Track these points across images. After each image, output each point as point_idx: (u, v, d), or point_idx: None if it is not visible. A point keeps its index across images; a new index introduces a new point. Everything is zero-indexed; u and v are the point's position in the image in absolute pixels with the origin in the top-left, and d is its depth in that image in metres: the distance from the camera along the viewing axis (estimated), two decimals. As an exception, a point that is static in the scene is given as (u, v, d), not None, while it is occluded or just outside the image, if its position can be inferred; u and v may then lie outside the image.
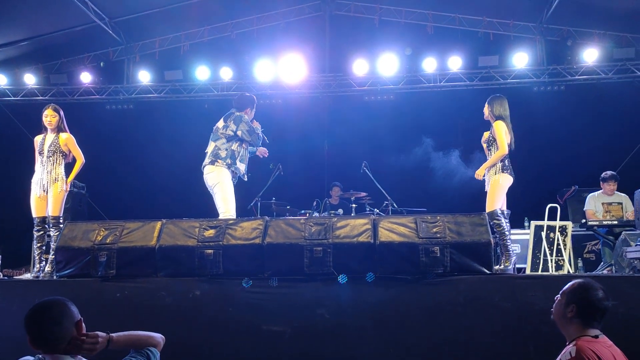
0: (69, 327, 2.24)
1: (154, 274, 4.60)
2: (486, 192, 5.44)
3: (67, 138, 5.88)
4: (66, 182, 5.80)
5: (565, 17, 9.60)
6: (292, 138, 10.06)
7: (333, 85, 10.64)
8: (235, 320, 4.33)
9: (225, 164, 5.81)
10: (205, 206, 6.38)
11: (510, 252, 5.23)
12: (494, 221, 5.22)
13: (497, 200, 5.26)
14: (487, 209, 5.24)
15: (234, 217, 5.63)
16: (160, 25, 10.47)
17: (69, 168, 6.03)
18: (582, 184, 8.10)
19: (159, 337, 2.58)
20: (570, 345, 2.62)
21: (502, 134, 5.34)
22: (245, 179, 6.13)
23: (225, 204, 5.70)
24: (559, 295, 2.81)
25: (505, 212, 5.38)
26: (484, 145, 5.64)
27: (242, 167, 6.00)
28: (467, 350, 4.09)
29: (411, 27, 10.37)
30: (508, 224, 5.38)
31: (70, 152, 5.91)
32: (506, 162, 5.35)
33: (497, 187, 5.27)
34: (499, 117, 5.47)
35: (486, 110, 5.62)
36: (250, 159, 6.23)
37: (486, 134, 5.63)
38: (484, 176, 5.51)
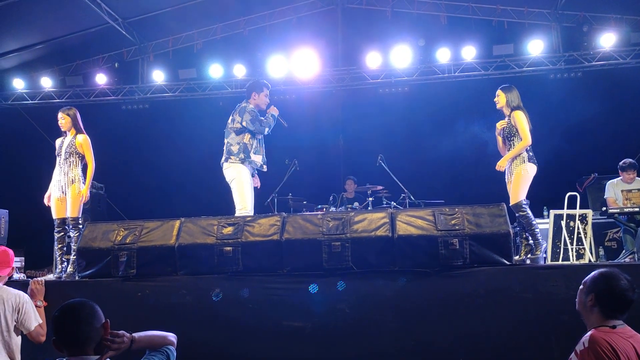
0: (98, 328, 2.27)
1: (174, 272, 4.63)
2: (506, 182, 5.38)
3: (82, 140, 5.89)
4: (84, 187, 5.79)
5: (580, 3, 9.48)
6: (307, 133, 10.06)
7: (346, 79, 10.61)
8: (256, 317, 4.35)
9: (238, 159, 5.77)
10: (223, 203, 6.41)
11: (539, 240, 5.17)
12: (520, 212, 5.16)
13: (522, 190, 5.18)
14: (513, 200, 5.18)
15: (251, 213, 5.63)
16: (173, 24, 10.52)
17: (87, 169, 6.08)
18: (602, 171, 8.00)
19: (173, 336, 2.62)
20: (586, 335, 2.59)
21: (524, 123, 5.24)
22: (265, 169, 6.04)
23: (242, 200, 5.68)
24: (582, 285, 2.78)
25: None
26: (499, 137, 5.54)
27: (257, 158, 5.89)
28: (488, 342, 4.07)
29: (424, 17, 10.31)
30: None
31: None
32: (530, 151, 5.27)
33: (524, 177, 5.17)
34: (517, 107, 5.38)
35: (501, 99, 5.49)
36: (267, 151, 6.11)
37: (500, 125, 5.50)
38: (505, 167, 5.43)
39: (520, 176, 5.18)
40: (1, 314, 3.88)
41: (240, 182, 5.73)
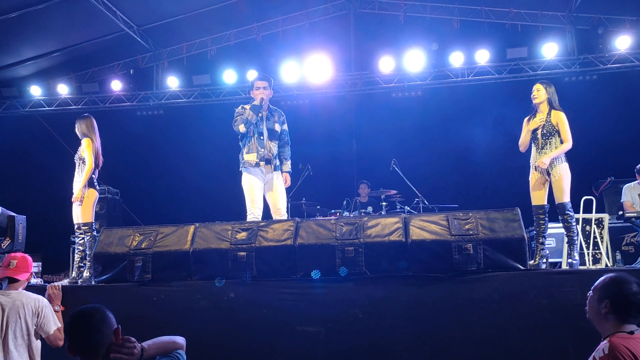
0: (108, 334, 2.29)
1: (189, 277, 4.66)
2: (533, 182, 5.23)
3: (83, 144, 5.87)
4: (80, 189, 5.71)
5: (595, 5, 9.42)
6: (320, 138, 10.09)
7: (359, 83, 10.62)
8: (269, 322, 4.36)
9: (241, 166, 5.78)
10: (237, 208, 6.43)
11: (577, 244, 5.13)
12: (566, 214, 5.06)
13: (568, 191, 5.08)
14: (561, 200, 5.06)
15: (258, 217, 5.56)
16: (187, 30, 10.63)
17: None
18: (618, 175, 7.92)
19: (181, 339, 2.62)
20: (604, 342, 2.55)
21: (567, 125, 5.15)
22: (261, 166, 5.67)
23: (249, 206, 5.65)
24: (591, 292, 2.73)
25: (546, 206, 5.25)
26: (529, 133, 5.28)
27: (249, 157, 5.70)
28: (503, 348, 4.04)
29: (437, 22, 10.30)
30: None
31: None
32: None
33: (567, 177, 5.10)
34: (559, 107, 5.26)
35: (541, 94, 5.28)
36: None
37: (540, 121, 5.24)
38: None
39: (563, 177, 5.08)
40: (22, 318, 3.94)
41: (245, 188, 5.70)
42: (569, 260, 5.11)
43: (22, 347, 3.91)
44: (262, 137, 5.79)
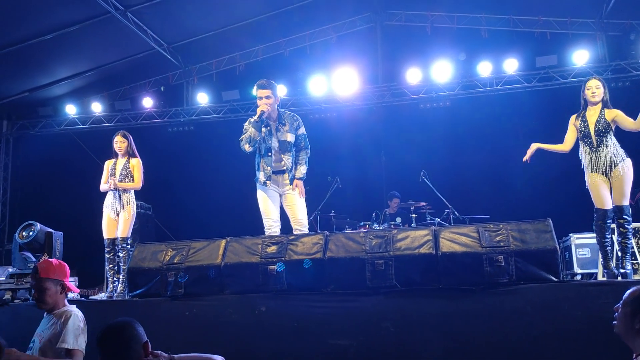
0: (137, 349, 2.33)
1: (221, 291, 4.71)
2: (596, 183, 5.01)
3: (135, 162, 6.23)
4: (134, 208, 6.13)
5: (626, 10, 9.26)
6: (348, 150, 10.11)
7: (387, 95, 10.63)
8: (301, 335, 4.38)
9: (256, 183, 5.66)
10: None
11: (629, 254, 4.92)
12: (624, 219, 4.87)
13: (629, 192, 4.91)
14: (619, 202, 4.88)
15: (274, 230, 5.50)
16: (216, 47, 10.82)
17: (137, 192, 6.33)
18: (655, 183, 7.73)
19: (219, 358, 2.62)
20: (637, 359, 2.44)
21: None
22: (267, 185, 5.50)
23: (263, 219, 5.59)
24: (620, 305, 2.59)
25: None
26: (592, 127, 5.11)
27: (260, 175, 5.55)
28: (538, 361, 3.98)
29: (464, 32, 10.27)
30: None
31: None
32: None
33: (631, 175, 4.92)
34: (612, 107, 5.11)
35: (601, 93, 5.16)
36: (309, 169, 5.72)
37: (594, 117, 5.13)
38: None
39: (625, 177, 4.89)
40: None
41: (259, 202, 5.62)
42: (622, 271, 4.87)
43: None
44: (269, 154, 5.53)
